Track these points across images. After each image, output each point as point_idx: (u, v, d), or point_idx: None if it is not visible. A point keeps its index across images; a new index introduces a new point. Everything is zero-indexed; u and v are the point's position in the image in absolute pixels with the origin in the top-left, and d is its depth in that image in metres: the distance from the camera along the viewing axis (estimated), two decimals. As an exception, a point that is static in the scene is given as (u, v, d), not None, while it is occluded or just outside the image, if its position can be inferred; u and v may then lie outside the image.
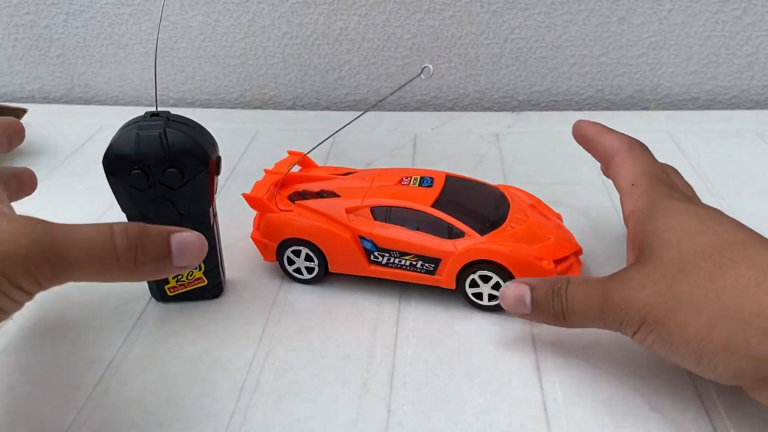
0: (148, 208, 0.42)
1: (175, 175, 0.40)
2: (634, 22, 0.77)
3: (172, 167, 0.40)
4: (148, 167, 0.40)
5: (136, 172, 0.40)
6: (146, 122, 0.40)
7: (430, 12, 0.78)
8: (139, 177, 0.40)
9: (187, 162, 0.40)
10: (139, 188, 0.41)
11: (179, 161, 0.40)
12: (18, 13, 0.83)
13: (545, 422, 0.38)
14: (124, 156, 0.40)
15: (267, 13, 0.80)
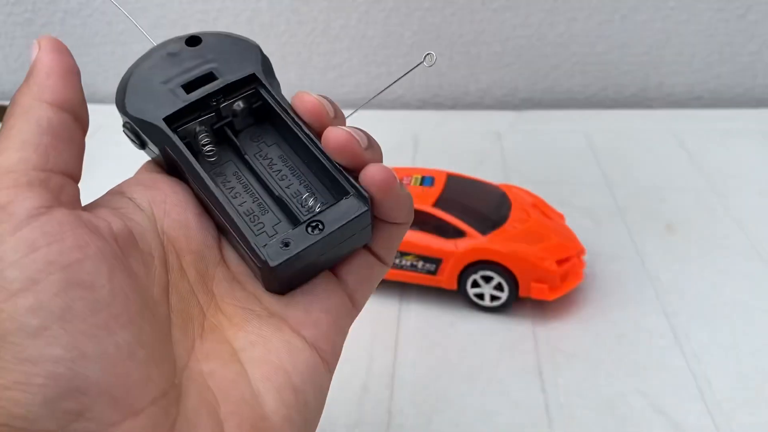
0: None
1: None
2: (637, 20, 0.77)
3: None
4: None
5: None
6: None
7: (430, 10, 0.77)
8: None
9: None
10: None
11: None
12: (15, 12, 0.82)
13: (547, 423, 0.38)
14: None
15: (266, 11, 0.79)
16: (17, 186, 0.20)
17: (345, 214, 0.24)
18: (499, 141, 0.72)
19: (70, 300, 0.19)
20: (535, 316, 0.46)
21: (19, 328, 0.18)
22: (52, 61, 0.23)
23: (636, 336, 0.44)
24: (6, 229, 0.19)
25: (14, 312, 0.18)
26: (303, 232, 0.24)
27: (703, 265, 0.51)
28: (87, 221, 0.21)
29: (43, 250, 0.19)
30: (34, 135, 0.21)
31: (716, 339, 0.43)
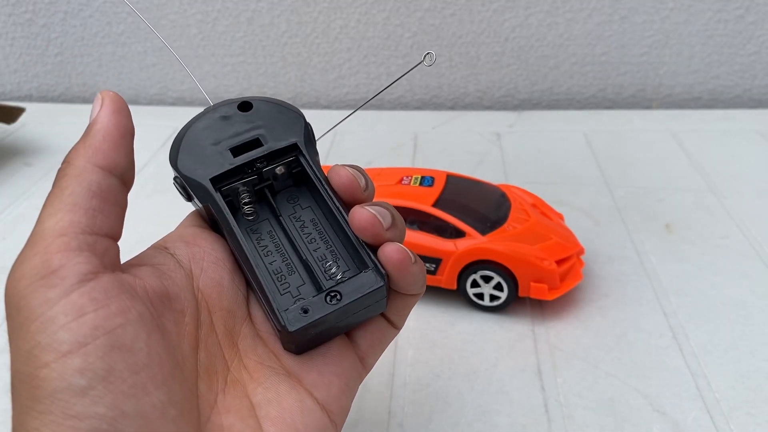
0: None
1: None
2: (636, 20, 0.77)
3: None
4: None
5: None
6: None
7: (430, 10, 0.77)
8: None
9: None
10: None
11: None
12: (16, 12, 0.82)
13: (546, 423, 0.38)
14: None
15: (266, 12, 0.79)
16: (68, 250, 0.21)
17: (362, 287, 0.26)
18: (498, 141, 0.72)
19: (113, 362, 0.20)
20: (534, 316, 0.46)
21: (67, 387, 0.20)
22: (110, 124, 0.25)
23: (635, 336, 0.44)
24: (57, 293, 0.21)
25: (64, 372, 0.20)
26: (322, 300, 0.26)
27: (703, 265, 0.51)
28: (128, 286, 0.23)
29: (91, 315, 0.21)
30: (84, 198, 0.23)
31: (715, 339, 0.44)
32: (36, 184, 0.65)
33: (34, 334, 0.20)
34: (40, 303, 0.21)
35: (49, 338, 0.20)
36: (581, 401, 0.39)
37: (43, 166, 0.69)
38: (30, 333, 0.20)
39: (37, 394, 0.20)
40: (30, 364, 0.20)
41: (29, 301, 0.21)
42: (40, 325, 0.20)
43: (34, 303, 0.21)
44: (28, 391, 0.20)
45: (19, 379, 0.20)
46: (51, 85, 0.87)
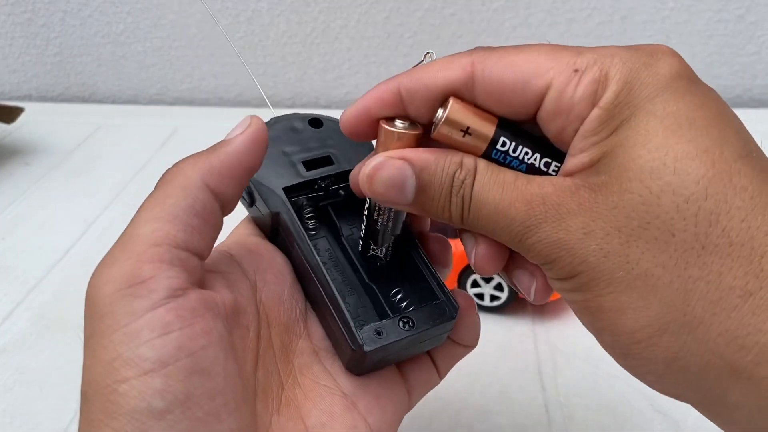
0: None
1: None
2: (637, 20, 0.77)
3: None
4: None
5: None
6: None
7: (430, 10, 0.77)
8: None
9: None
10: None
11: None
12: (15, 12, 0.82)
13: (547, 424, 0.38)
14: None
15: (266, 12, 0.79)
16: (161, 261, 0.21)
17: (436, 317, 0.26)
18: (498, 141, 0.72)
19: (192, 387, 0.20)
20: (534, 316, 0.46)
21: (146, 407, 0.19)
22: (242, 155, 0.24)
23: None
24: (144, 305, 0.20)
25: (144, 391, 0.19)
26: (395, 325, 0.25)
27: (703, 266, 0.51)
28: (212, 303, 0.22)
29: (176, 334, 0.20)
30: (186, 214, 0.22)
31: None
32: (35, 183, 0.65)
33: (116, 345, 0.20)
34: (126, 313, 0.20)
35: (131, 353, 0.19)
36: (582, 401, 0.39)
37: (42, 166, 0.68)
38: (112, 343, 0.20)
39: (112, 409, 0.19)
40: (109, 376, 0.19)
41: (114, 308, 0.20)
42: (122, 337, 0.20)
43: (118, 312, 0.20)
44: (102, 404, 0.19)
45: (95, 389, 0.20)
46: (50, 84, 0.87)
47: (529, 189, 0.22)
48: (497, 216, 0.23)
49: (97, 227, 0.58)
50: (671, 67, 0.22)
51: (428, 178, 0.23)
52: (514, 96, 0.22)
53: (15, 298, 0.50)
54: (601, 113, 0.21)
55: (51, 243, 0.56)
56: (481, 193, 0.23)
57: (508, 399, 0.39)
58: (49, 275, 0.52)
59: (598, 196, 0.21)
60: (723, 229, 0.19)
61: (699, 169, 0.20)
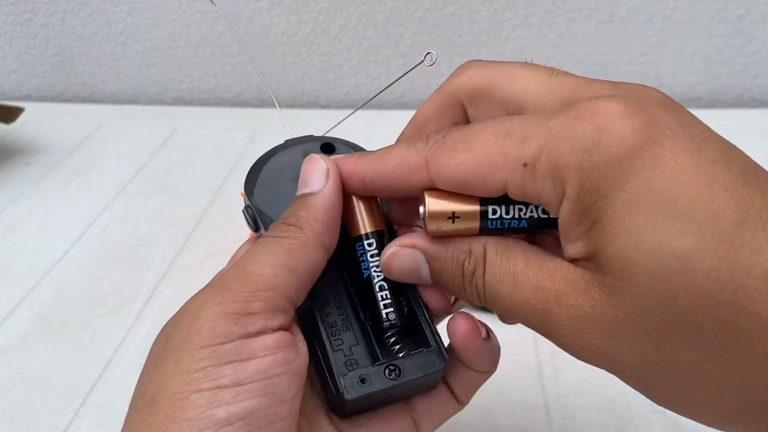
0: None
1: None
2: (637, 20, 0.77)
3: None
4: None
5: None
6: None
7: (430, 10, 0.77)
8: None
9: None
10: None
11: None
12: (15, 12, 0.82)
13: (547, 424, 0.38)
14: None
15: (266, 11, 0.79)
16: (271, 304, 0.22)
17: (423, 367, 0.25)
18: (498, 141, 0.72)
19: (258, 406, 0.21)
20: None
21: (209, 416, 0.20)
22: (336, 203, 0.25)
23: (636, 336, 0.44)
24: (240, 332, 0.22)
25: (213, 402, 0.20)
26: (381, 373, 0.25)
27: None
28: (296, 341, 0.23)
29: (258, 360, 0.22)
30: (304, 271, 0.24)
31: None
32: (35, 183, 0.65)
33: (203, 359, 0.21)
34: (222, 333, 0.21)
35: (214, 369, 0.21)
36: (582, 402, 0.39)
37: (42, 166, 0.68)
38: (200, 355, 0.21)
39: (178, 414, 0.20)
40: (186, 385, 0.21)
41: (214, 328, 0.21)
42: (212, 353, 0.21)
43: (217, 332, 0.21)
44: (170, 409, 0.20)
45: (166, 394, 0.21)
46: (50, 84, 0.87)
47: (541, 282, 0.22)
48: (514, 309, 0.22)
49: (96, 227, 0.58)
50: (624, 135, 0.20)
51: (440, 267, 0.24)
52: (476, 190, 0.23)
53: (15, 298, 0.50)
54: (572, 206, 0.21)
55: (51, 243, 0.56)
56: (493, 285, 0.23)
57: (508, 399, 0.39)
58: (49, 275, 0.52)
59: (611, 299, 0.20)
60: (749, 315, 0.19)
61: (703, 262, 0.19)
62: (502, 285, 0.22)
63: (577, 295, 0.21)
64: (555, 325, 0.21)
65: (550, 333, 0.22)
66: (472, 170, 0.22)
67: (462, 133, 0.23)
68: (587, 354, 0.22)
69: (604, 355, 0.21)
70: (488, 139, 0.22)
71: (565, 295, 0.21)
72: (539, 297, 0.21)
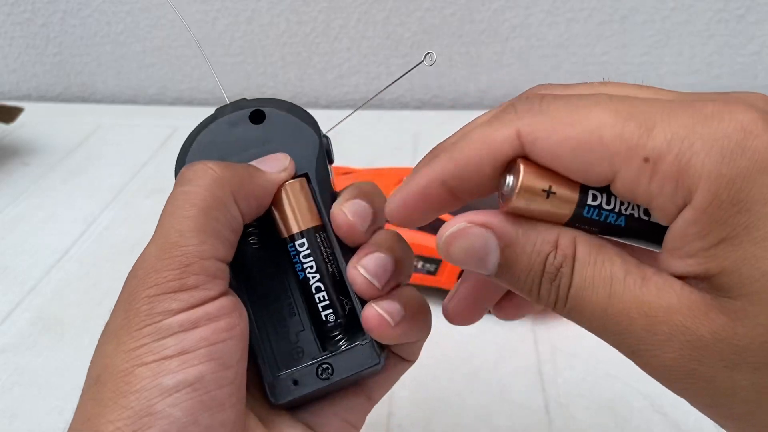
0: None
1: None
2: (637, 20, 0.76)
3: None
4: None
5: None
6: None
7: (430, 10, 0.77)
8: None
9: None
10: None
11: None
12: (15, 11, 0.82)
13: (547, 424, 0.37)
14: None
15: (266, 11, 0.79)
16: (206, 275, 0.22)
17: (357, 364, 0.25)
18: (498, 141, 0.72)
19: (205, 372, 0.21)
20: (535, 316, 0.46)
21: (156, 385, 0.20)
22: (271, 189, 0.25)
23: (636, 336, 0.44)
24: (180, 306, 0.21)
25: (159, 372, 0.20)
26: (313, 374, 0.24)
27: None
28: (238, 305, 0.23)
29: (201, 328, 0.21)
30: (227, 230, 0.23)
31: (716, 339, 0.43)
32: (34, 183, 0.65)
33: (144, 337, 0.21)
34: (162, 311, 0.21)
35: (157, 343, 0.21)
36: (582, 402, 0.39)
37: (41, 166, 0.68)
38: (140, 334, 0.21)
39: (124, 389, 0.20)
40: (129, 361, 0.21)
41: (152, 307, 0.21)
42: (152, 330, 0.21)
43: (156, 310, 0.21)
44: (116, 385, 0.20)
45: (111, 372, 0.21)
46: (49, 84, 0.87)
47: (646, 296, 0.19)
48: (605, 321, 0.20)
49: (96, 227, 0.58)
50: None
51: (514, 257, 0.20)
52: (575, 174, 0.19)
53: (14, 298, 0.50)
54: (697, 216, 0.18)
55: (50, 243, 0.56)
56: (582, 291, 0.19)
57: (508, 399, 0.39)
58: (49, 275, 0.52)
59: (738, 326, 0.18)
60: None
61: None
62: (594, 291, 0.19)
63: (694, 317, 0.18)
64: (653, 346, 0.19)
65: (641, 353, 0.19)
66: (577, 150, 0.18)
67: (563, 102, 0.19)
68: (684, 381, 0.19)
69: (709, 385, 0.18)
70: (604, 116, 0.18)
71: (677, 315, 0.18)
72: (642, 312, 0.19)
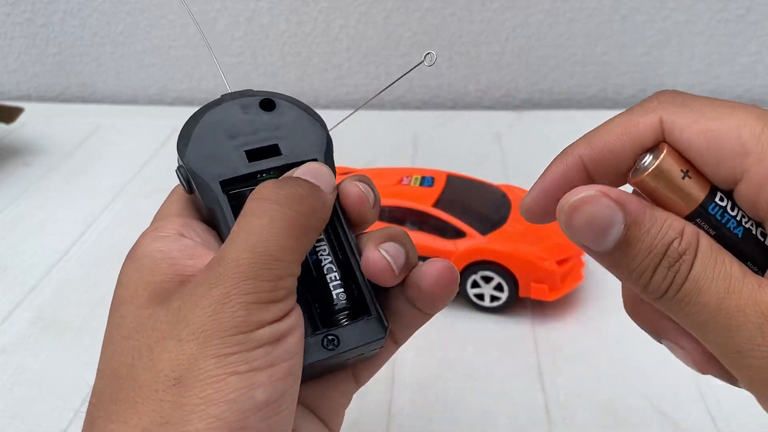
0: None
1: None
2: (637, 20, 0.76)
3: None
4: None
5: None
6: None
7: (430, 10, 0.77)
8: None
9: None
10: None
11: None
12: (15, 11, 0.82)
13: (547, 424, 0.37)
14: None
15: (266, 11, 0.79)
16: (290, 288, 0.22)
17: (362, 336, 0.24)
18: (498, 141, 0.72)
19: (287, 386, 0.22)
20: (535, 317, 0.46)
21: (250, 398, 0.20)
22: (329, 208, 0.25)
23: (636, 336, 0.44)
24: (266, 317, 0.21)
25: (252, 383, 0.20)
26: (318, 343, 0.24)
27: (703, 266, 0.51)
28: (300, 317, 0.23)
29: (285, 341, 0.22)
30: (305, 251, 0.23)
31: (716, 339, 0.43)
32: (35, 183, 0.65)
33: (236, 345, 0.21)
34: (257, 321, 0.21)
35: (249, 353, 0.21)
36: (582, 402, 0.39)
37: (41, 166, 0.68)
38: (233, 341, 0.21)
39: (215, 397, 0.20)
40: (221, 368, 0.20)
41: (249, 314, 0.21)
42: (244, 338, 0.21)
43: (252, 318, 0.21)
44: (203, 390, 0.20)
45: (198, 376, 0.20)
46: (50, 84, 0.87)
47: (765, 297, 0.19)
48: (716, 315, 0.19)
49: (96, 227, 0.58)
50: None
51: (637, 236, 0.20)
52: (706, 168, 0.20)
53: (14, 298, 0.50)
54: None
55: (50, 243, 0.56)
56: (700, 281, 0.19)
57: (508, 399, 0.39)
58: (49, 275, 0.52)
59: None
60: None
61: None
62: (713, 283, 0.19)
63: None
64: (764, 347, 0.19)
65: (748, 353, 0.19)
66: (715, 142, 0.19)
67: (706, 100, 0.21)
68: None
69: None
70: (745, 118, 0.19)
71: None
72: (759, 312, 0.18)
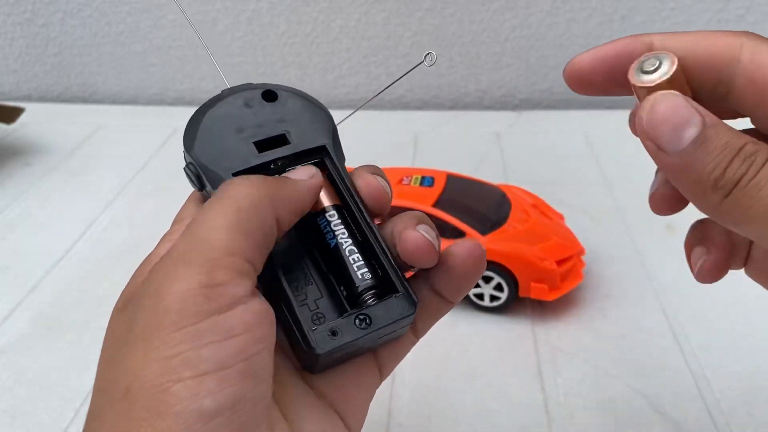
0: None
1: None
2: (636, 20, 0.77)
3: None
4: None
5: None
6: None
7: (430, 10, 0.77)
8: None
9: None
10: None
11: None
12: (15, 12, 0.82)
13: (547, 424, 0.38)
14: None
15: (266, 12, 0.79)
16: (233, 270, 0.21)
17: (393, 313, 0.25)
18: (498, 141, 0.72)
19: (243, 391, 0.20)
20: (534, 316, 0.46)
21: (197, 409, 0.19)
22: (305, 197, 0.24)
23: (635, 336, 0.44)
24: (212, 307, 0.20)
25: (198, 392, 0.19)
26: (351, 323, 0.24)
27: (703, 266, 0.51)
28: (268, 312, 0.22)
29: (238, 339, 0.20)
30: (257, 232, 0.22)
31: (716, 339, 0.43)
32: (35, 184, 0.65)
33: (178, 344, 0.19)
34: (194, 313, 0.20)
35: (193, 353, 0.19)
36: (582, 402, 0.39)
37: (42, 166, 0.68)
38: (174, 340, 0.19)
39: (161, 409, 0.19)
40: (164, 375, 0.19)
41: (183, 306, 0.20)
42: (185, 336, 0.19)
43: (187, 310, 0.20)
44: (149, 402, 0.19)
45: (143, 385, 0.19)
46: (50, 85, 0.87)
47: None
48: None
49: (96, 227, 0.58)
50: None
51: (715, 136, 0.22)
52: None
53: (15, 298, 0.50)
54: None
55: (51, 243, 0.56)
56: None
57: (508, 399, 0.39)
58: (49, 275, 0.52)
59: None
60: None
61: None
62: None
63: None
64: None
65: None
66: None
67: None
68: None
69: None
70: None
71: None
72: None
